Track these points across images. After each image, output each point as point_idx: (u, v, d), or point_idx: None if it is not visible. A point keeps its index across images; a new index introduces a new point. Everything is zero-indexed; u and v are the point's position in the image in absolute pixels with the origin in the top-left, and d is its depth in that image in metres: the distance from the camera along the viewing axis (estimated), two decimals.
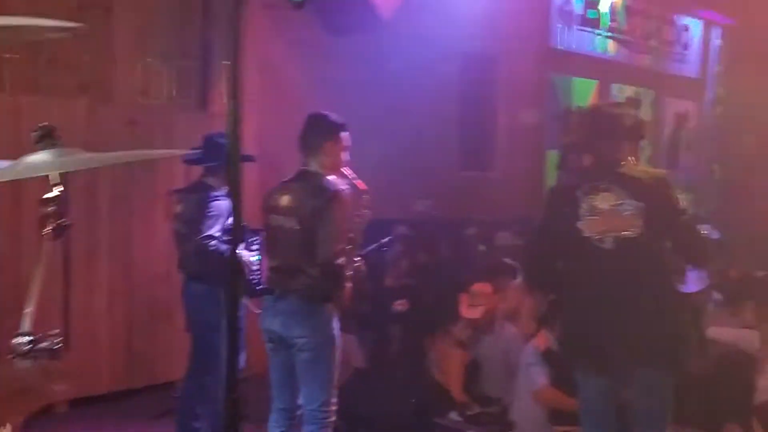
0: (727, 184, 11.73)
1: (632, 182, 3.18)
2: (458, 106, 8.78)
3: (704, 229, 3.47)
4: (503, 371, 5.01)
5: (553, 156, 10.54)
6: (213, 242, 4.15)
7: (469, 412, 4.97)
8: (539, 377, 4.54)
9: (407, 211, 7.95)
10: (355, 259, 3.86)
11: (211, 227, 4.16)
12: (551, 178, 9.44)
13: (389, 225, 7.06)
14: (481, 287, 5.25)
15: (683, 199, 3.32)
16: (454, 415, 5.00)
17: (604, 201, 3.16)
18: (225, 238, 4.15)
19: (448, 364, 5.20)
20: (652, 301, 3.13)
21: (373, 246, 4.61)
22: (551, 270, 3.44)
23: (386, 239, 4.69)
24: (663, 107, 11.88)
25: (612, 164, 3.26)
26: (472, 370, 5.18)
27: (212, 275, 4.05)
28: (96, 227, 5.52)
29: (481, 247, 7.64)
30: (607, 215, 3.15)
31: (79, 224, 5.42)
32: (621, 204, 3.14)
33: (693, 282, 5.90)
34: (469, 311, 5.14)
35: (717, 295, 5.51)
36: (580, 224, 3.19)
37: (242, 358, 4.48)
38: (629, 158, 3.36)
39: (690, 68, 12.31)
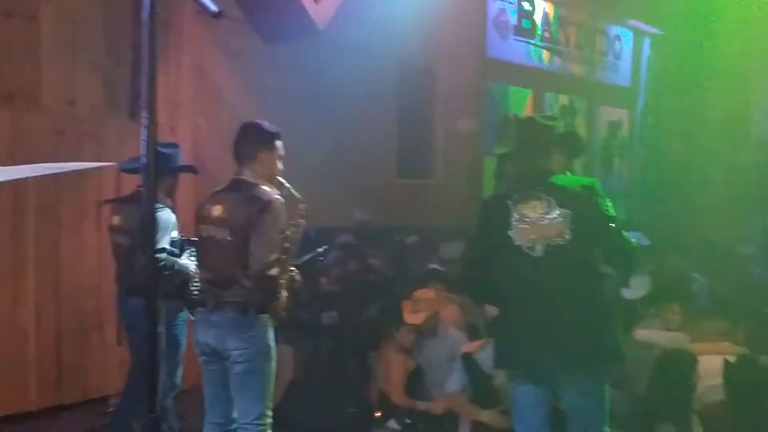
0: (660, 190, 12.01)
1: (561, 191, 3.25)
2: (396, 114, 8.83)
3: (634, 236, 3.53)
4: (447, 375, 5.04)
5: (491, 163, 10.68)
6: (163, 255, 4.10)
7: (407, 420, 4.96)
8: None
9: (346, 220, 7.95)
10: (291, 269, 3.82)
11: (160, 240, 4.08)
12: (489, 185, 9.55)
13: (329, 234, 7.06)
14: (423, 293, 5.29)
15: (612, 206, 3.32)
16: (392, 423, 4.99)
17: (533, 210, 3.23)
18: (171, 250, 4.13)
19: (390, 371, 5.21)
20: (583, 307, 3.17)
21: (309, 255, 4.57)
22: (487, 277, 3.45)
23: (322, 249, 4.65)
24: (596, 115, 12.14)
25: (542, 174, 3.33)
26: (416, 376, 5.21)
27: (164, 289, 3.97)
28: (23, 239, 5.35)
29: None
30: (536, 223, 3.21)
31: (5, 236, 5.26)
32: (549, 212, 3.20)
33: (636, 288, 6.05)
34: (412, 317, 5.18)
35: None
36: (510, 232, 3.24)
37: (179, 374, 4.41)
38: (561, 169, 3.46)
39: (622, 77, 12.61)
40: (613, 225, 3.26)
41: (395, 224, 8.34)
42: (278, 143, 3.76)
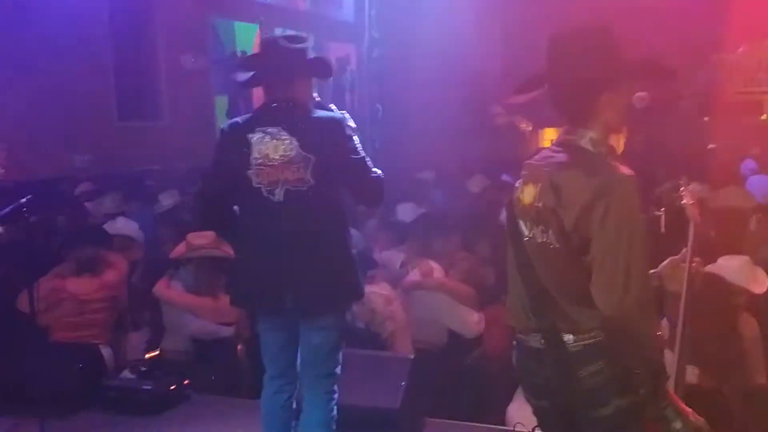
0: (390, 123, 12.50)
1: (306, 132, 3.01)
2: (112, 53, 8.26)
3: (376, 169, 3.27)
4: None
5: (221, 102, 10.45)
6: None
7: (142, 368, 4.76)
8: None
9: (66, 168, 7.38)
10: None
11: None
12: (222, 124, 9.33)
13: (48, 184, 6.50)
14: None
15: (359, 141, 3.11)
16: (126, 374, 4.76)
17: (275, 150, 3.00)
18: None
19: None
20: (325, 252, 3.06)
21: (9, 208, 4.09)
22: (224, 216, 3.23)
23: (25, 199, 4.17)
24: (324, 51, 12.27)
25: (287, 107, 3.05)
26: None
27: None
28: None
29: None
30: (276, 166, 3.00)
31: None
32: (292, 155, 2.99)
33: (405, 213, 6.23)
34: None
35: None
36: (250, 172, 3.01)
37: None
38: (308, 98, 3.13)
39: (347, 12, 12.83)
40: (360, 163, 3.09)
41: (122, 171, 7.87)
42: None
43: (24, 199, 4.23)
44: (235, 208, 3.20)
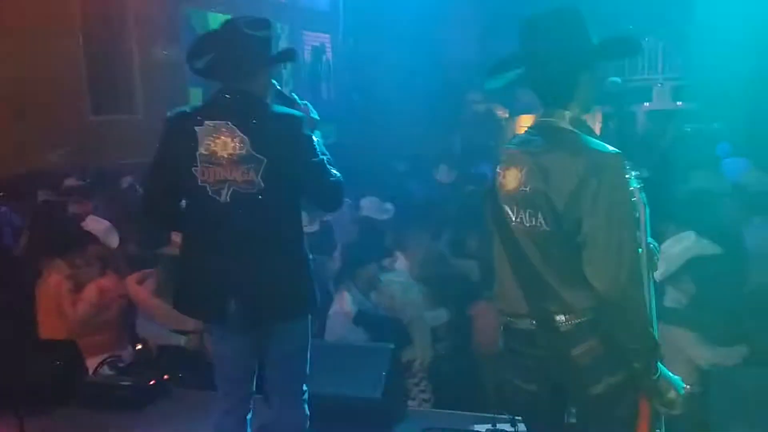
0: (366, 112, 12.46)
1: (259, 130, 2.75)
2: (84, 44, 8.14)
3: (335, 171, 2.91)
4: None
5: (196, 94, 10.34)
6: None
7: (120, 364, 4.73)
8: None
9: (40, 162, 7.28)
10: None
11: None
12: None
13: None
14: None
15: (318, 140, 2.87)
16: (105, 370, 4.73)
17: (224, 147, 2.74)
18: None
19: None
20: (276, 258, 2.84)
21: None
22: (168, 212, 2.98)
23: None
24: (299, 41, 12.21)
25: (241, 101, 2.78)
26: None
27: None
28: None
29: None
30: (224, 165, 2.74)
31: None
32: (241, 155, 2.74)
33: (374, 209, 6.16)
34: None
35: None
36: (195, 170, 2.76)
37: None
38: (266, 91, 2.86)
39: (322, 2, 12.77)
40: (318, 166, 2.84)
41: (99, 166, 7.78)
42: None
43: None
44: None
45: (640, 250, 2.22)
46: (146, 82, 8.96)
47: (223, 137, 2.75)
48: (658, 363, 2.19)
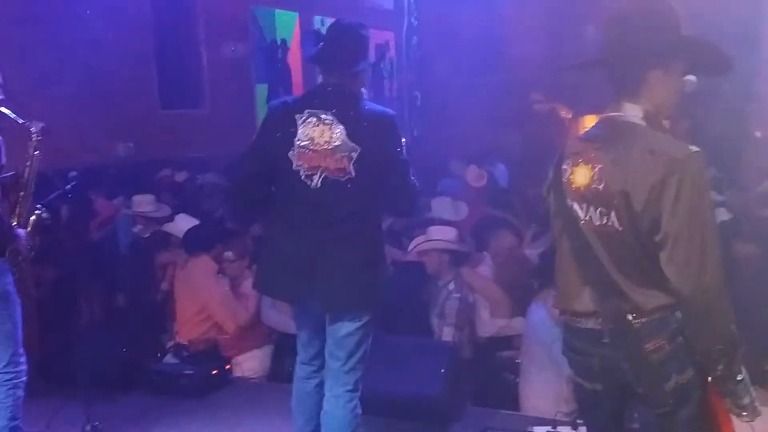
0: (429, 110, 12.43)
1: (356, 121, 2.93)
2: (155, 41, 8.34)
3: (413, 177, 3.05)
4: None
5: (262, 91, 10.49)
6: None
7: (185, 353, 4.83)
8: None
9: (110, 156, 7.48)
10: (38, 209, 3.59)
11: None
12: (262, 113, 9.39)
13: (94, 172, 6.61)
14: None
15: (403, 145, 3.02)
16: (169, 358, 4.84)
17: (321, 134, 2.91)
18: None
19: None
20: (355, 249, 2.97)
21: (56, 194, 4.20)
22: (257, 195, 3.14)
23: (70, 185, 4.27)
24: None
25: (342, 94, 2.97)
26: None
27: None
28: None
29: None
30: (319, 151, 2.91)
31: None
32: (338, 143, 2.91)
33: (443, 209, 6.03)
34: None
35: None
36: (291, 154, 2.94)
37: None
38: (360, 89, 3.04)
39: (386, 0, 12.79)
40: (404, 166, 3.01)
41: (164, 158, 7.96)
42: None
43: (69, 185, 4.35)
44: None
45: None
46: (213, 77, 9.12)
47: (321, 125, 2.93)
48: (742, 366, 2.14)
